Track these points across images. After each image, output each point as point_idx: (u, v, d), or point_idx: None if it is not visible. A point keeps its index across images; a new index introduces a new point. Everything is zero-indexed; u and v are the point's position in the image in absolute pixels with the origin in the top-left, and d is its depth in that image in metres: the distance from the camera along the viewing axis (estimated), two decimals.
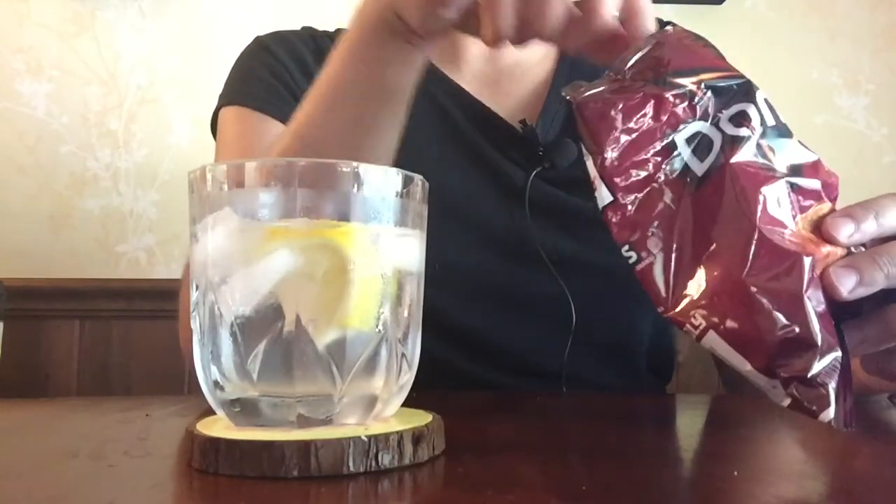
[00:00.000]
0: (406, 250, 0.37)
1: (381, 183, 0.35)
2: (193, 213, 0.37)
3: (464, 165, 0.72)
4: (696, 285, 0.36)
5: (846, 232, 0.36)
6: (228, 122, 0.73)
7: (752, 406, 0.56)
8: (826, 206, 0.38)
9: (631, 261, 0.38)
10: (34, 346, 1.35)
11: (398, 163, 0.38)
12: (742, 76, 0.40)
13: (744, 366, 0.35)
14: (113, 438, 0.42)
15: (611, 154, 0.39)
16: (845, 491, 0.33)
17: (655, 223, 0.38)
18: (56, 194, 1.48)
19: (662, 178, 0.39)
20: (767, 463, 0.36)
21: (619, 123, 0.39)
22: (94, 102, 1.51)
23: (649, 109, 0.39)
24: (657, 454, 0.40)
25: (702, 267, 0.36)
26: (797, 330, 0.34)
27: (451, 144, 0.73)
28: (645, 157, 0.39)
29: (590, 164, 0.39)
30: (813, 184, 0.38)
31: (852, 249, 0.37)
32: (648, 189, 0.39)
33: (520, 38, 0.44)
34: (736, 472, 0.34)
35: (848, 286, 0.35)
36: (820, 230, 0.37)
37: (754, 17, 1.61)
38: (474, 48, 0.76)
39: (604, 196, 0.39)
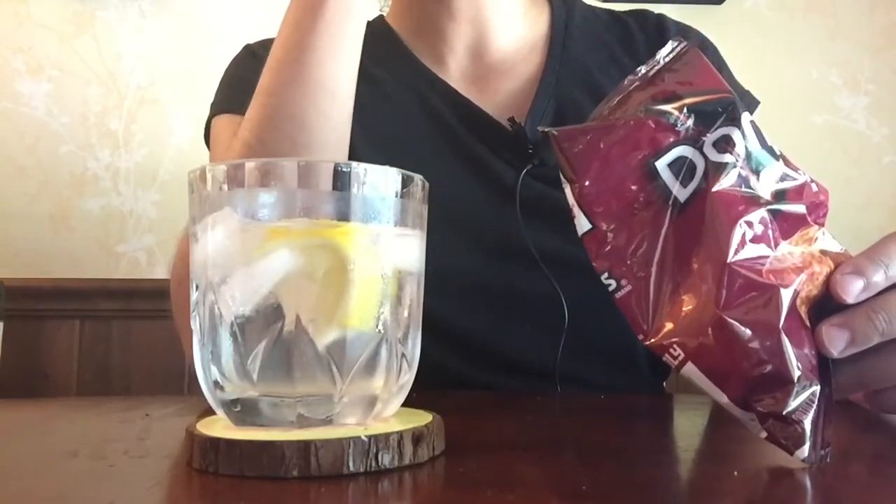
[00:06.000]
0: (406, 250, 0.37)
1: (381, 183, 0.35)
2: (193, 213, 0.37)
3: (453, 164, 0.71)
4: (675, 315, 0.36)
5: (855, 291, 0.35)
6: (221, 130, 0.72)
7: None
8: (814, 230, 0.38)
9: (610, 288, 0.38)
10: (34, 346, 1.36)
11: (388, 162, 0.38)
12: (730, 97, 0.39)
13: (721, 398, 0.35)
14: (113, 438, 0.42)
15: (588, 182, 0.38)
16: (845, 491, 0.33)
17: (635, 251, 0.38)
18: (56, 194, 1.49)
19: (642, 205, 0.38)
20: (767, 463, 0.36)
21: (595, 151, 0.38)
22: (94, 102, 1.51)
23: (627, 136, 0.38)
24: (657, 454, 0.40)
25: (681, 297, 0.36)
26: (774, 365, 0.34)
27: (441, 143, 0.72)
28: (623, 184, 0.38)
29: (568, 191, 0.39)
30: (797, 208, 0.37)
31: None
32: (628, 216, 0.38)
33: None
34: (736, 473, 0.34)
35: (839, 346, 0.35)
36: (808, 255, 0.36)
37: (754, 17, 1.61)
38: (461, 44, 0.75)
39: (582, 224, 0.38)
